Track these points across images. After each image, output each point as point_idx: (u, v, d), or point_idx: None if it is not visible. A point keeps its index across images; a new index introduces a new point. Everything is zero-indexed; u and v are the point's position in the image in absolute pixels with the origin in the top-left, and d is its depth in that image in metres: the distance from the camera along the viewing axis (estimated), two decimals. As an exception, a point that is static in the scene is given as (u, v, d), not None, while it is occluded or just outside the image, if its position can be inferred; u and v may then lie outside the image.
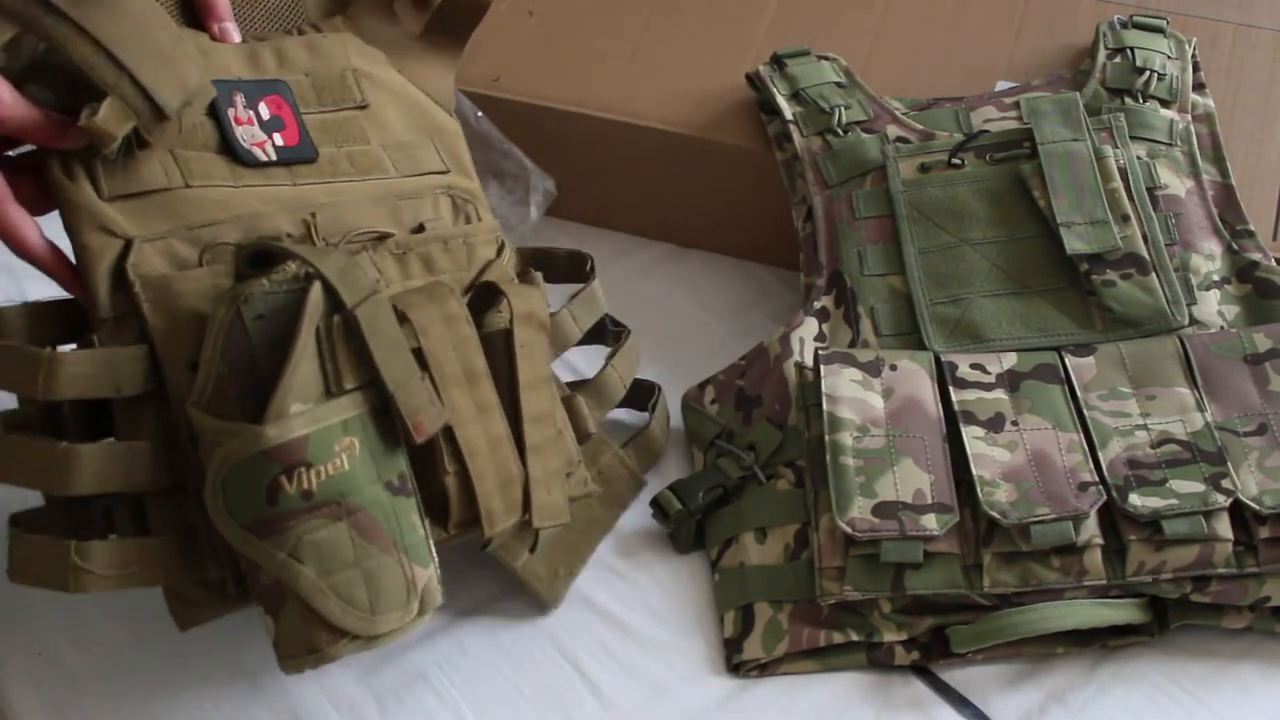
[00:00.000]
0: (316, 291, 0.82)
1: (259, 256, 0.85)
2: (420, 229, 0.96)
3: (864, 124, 1.13)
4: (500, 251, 1.00)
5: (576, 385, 1.06)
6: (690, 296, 1.22)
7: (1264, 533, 0.93)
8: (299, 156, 0.94)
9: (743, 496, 1.02)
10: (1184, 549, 0.93)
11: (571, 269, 1.08)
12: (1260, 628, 0.95)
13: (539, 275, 1.01)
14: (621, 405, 1.08)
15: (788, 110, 1.14)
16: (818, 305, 1.07)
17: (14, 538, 0.85)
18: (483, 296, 0.96)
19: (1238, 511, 0.94)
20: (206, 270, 0.86)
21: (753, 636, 0.97)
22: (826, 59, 1.18)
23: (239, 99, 0.93)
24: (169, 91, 0.85)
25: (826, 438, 0.98)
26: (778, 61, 1.18)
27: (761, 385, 1.06)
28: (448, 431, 0.88)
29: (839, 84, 1.16)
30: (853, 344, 1.05)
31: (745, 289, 1.22)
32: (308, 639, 0.81)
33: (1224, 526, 0.93)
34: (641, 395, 1.11)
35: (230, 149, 0.91)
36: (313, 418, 0.81)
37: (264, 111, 0.94)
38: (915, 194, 1.08)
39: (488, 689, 0.97)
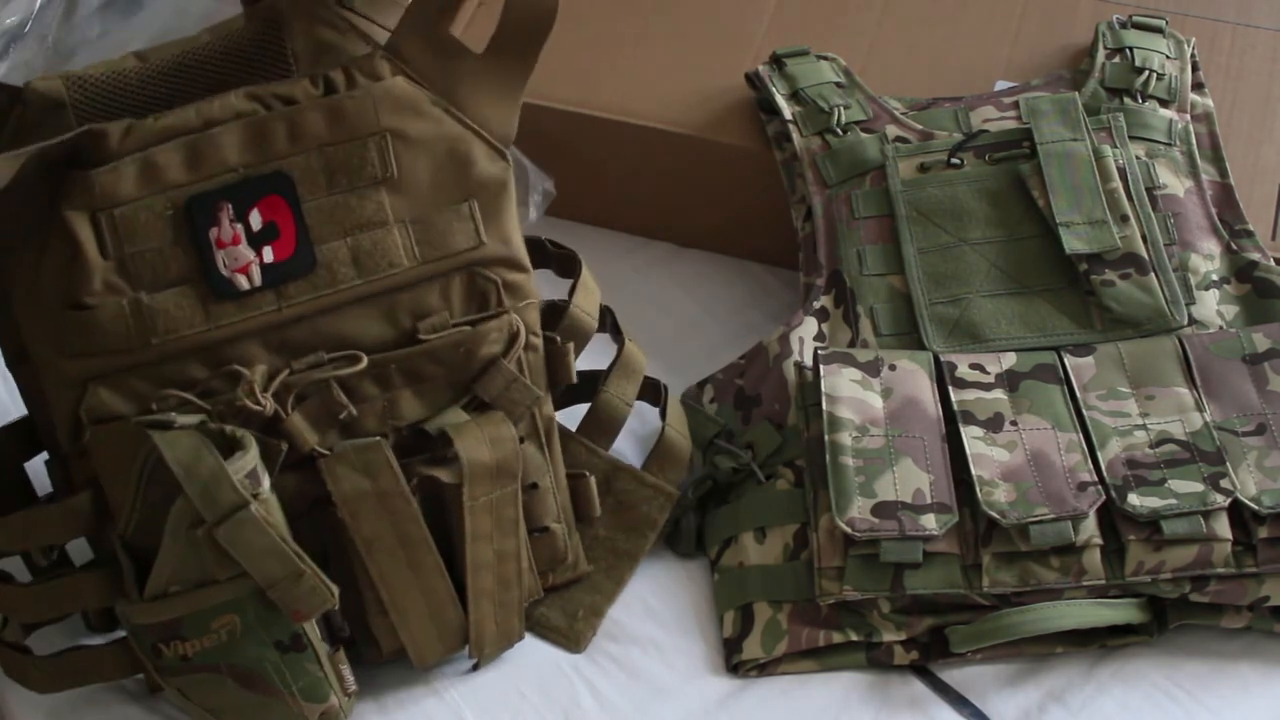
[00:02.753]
0: (179, 505, 0.83)
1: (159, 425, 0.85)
2: (414, 332, 0.91)
3: (863, 124, 1.13)
4: (512, 344, 0.93)
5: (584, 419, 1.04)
6: (690, 296, 1.22)
7: (1263, 532, 0.93)
8: (291, 272, 0.88)
9: (742, 496, 1.03)
10: (1183, 549, 0.93)
11: (563, 268, 1.07)
12: (1259, 627, 0.95)
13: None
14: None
15: (787, 110, 1.14)
16: (817, 305, 1.08)
17: None
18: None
19: (1236, 511, 0.94)
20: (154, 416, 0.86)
21: (752, 636, 0.97)
22: (826, 59, 1.18)
23: (225, 213, 0.87)
24: None
25: (826, 437, 0.98)
26: (777, 61, 1.18)
27: (761, 384, 1.06)
28: (374, 589, 0.92)
29: (838, 84, 1.16)
30: (852, 344, 1.05)
31: (745, 289, 1.22)
32: None
33: (1223, 526, 0.93)
34: (649, 395, 1.08)
35: (207, 278, 0.87)
36: (188, 603, 0.86)
37: (256, 221, 0.88)
38: (914, 194, 1.08)
39: (488, 689, 0.97)
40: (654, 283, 1.22)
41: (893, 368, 1.01)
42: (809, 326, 1.07)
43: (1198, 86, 1.16)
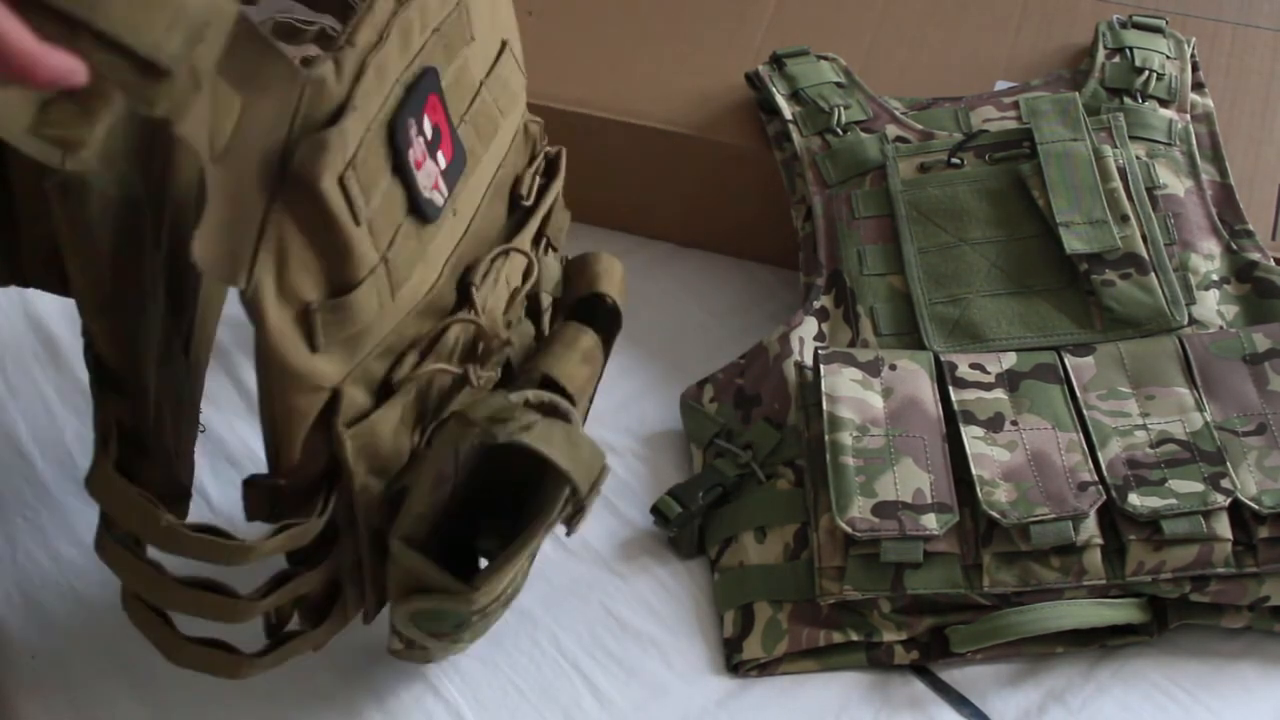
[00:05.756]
0: (555, 498, 0.78)
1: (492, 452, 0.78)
2: (514, 199, 0.88)
3: (863, 124, 1.13)
4: (556, 175, 0.93)
5: None
6: (690, 296, 1.22)
7: (1263, 532, 0.93)
8: (458, 172, 0.80)
9: (742, 496, 1.02)
10: (1183, 549, 0.93)
11: None
12: (1259, 627, 0.95)
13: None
14: None
15: (787, 110, 1.14)
16: (817, 305, 1.08)
17: None
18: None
19: (1237, 511, 0.94)
20: (398, 403, 0.79)
21: (752, 636, 0.97)
22: (826, 58, 1.18)
23: (412, 128, 0.75)
24: (157, 31, 0.56)
25: (826, 437, 0.98)
26: (777, 61, 1.18)
27: (761, 384, 1.06)
28: None
29: (838, 84, 1.16)
30: (852, 343, 1.06)
31: (745, 289, 1.22)
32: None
33: (1223, 526, 0.93)
34: None
35: (418, 209, 0.76)
36: (510, 572, 0.81)
37: (428, 128, 0.77)
38: (914, 194, 1.08)
39: (488, 689, 0.97)
40: (654, 283, 1.22)
41: (893, 367, 1.01)
42: (809, 326, 1.07)
43: (1198, 86, 1.16)
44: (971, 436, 0.98)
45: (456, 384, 0.84)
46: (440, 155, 0.78)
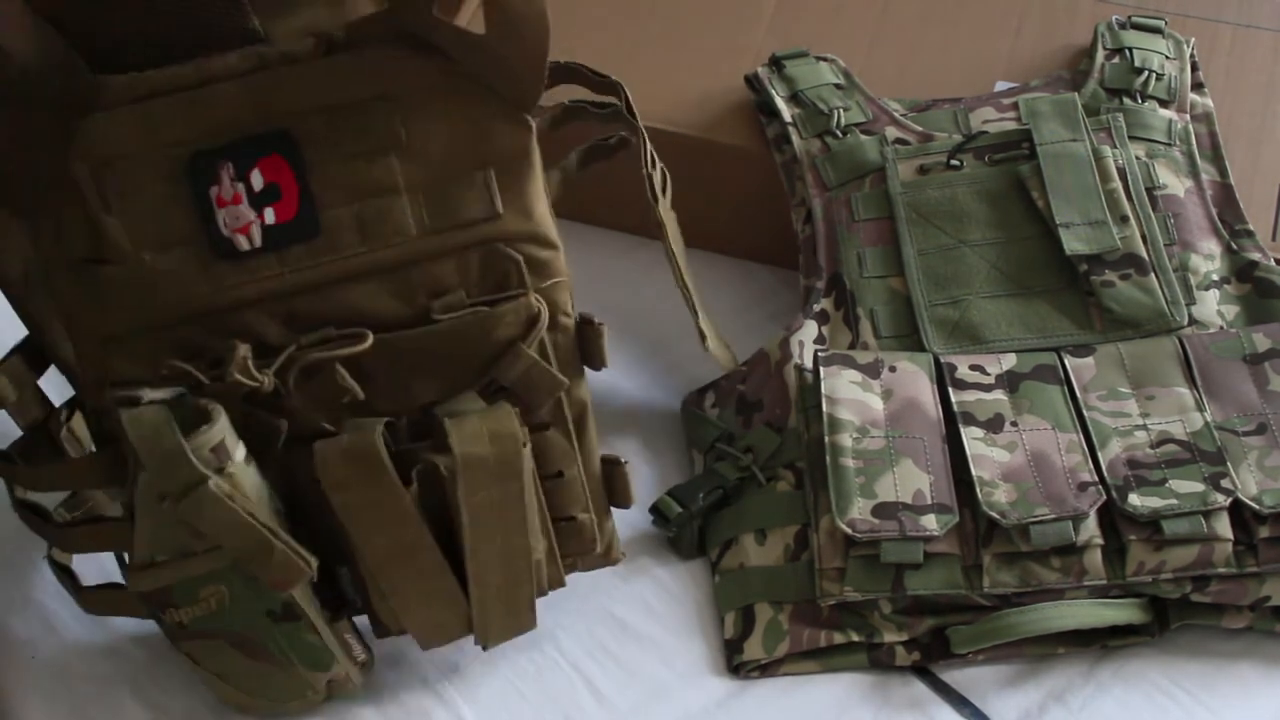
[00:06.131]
0: (145, 480, 0.83)
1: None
2: (429, 311, 0.88)
3: (863, 126, 1.13)
4: (531, 327, 0.89)
5: None
6: (691, 296, 1.22)
7: (1264, 532, 0.93)
8: (293, 236, 0.85)
9: (743, 498, 1.02)
10: (1184, 549, 0.93)
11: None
12: (1260, 627, 0.95)
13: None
14: None
15: (786, 112, 1.14)
16: (817, 308, 1.07)
17: None
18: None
19: (1237, 511, 0.94)
20: (163, 389, 0.84)
21: (753, 637, 0.97)
22: (825, 60, 1.18)
23: (226, 172, 0.84)
24: None
25: (826, 439, 0.98)
26: (776, 63, 1.18)
27: (762, 390, 1.06)
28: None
29: (837, 85, 1.16)
30: (852, 346, 1.05)
31: (745, 289, 1.22)
32: (235, 703, 0.94)
33: (1223, 526, 0.93)
34: None
35: (212, 241, 0.85)
36: (172, 572, 0.86)
37: (257, 181, 0.84)
38: (914, 196, 1.08)
39: (487, 689, 0.97)
40: (655, 282, 1.21)
41: (893, 369, 1.01)
42: (809, 330, 1.07)
43: (1197, 86, 1.16)
44: (971, 437, 0.98)
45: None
46: (270, 210, 0.85)
